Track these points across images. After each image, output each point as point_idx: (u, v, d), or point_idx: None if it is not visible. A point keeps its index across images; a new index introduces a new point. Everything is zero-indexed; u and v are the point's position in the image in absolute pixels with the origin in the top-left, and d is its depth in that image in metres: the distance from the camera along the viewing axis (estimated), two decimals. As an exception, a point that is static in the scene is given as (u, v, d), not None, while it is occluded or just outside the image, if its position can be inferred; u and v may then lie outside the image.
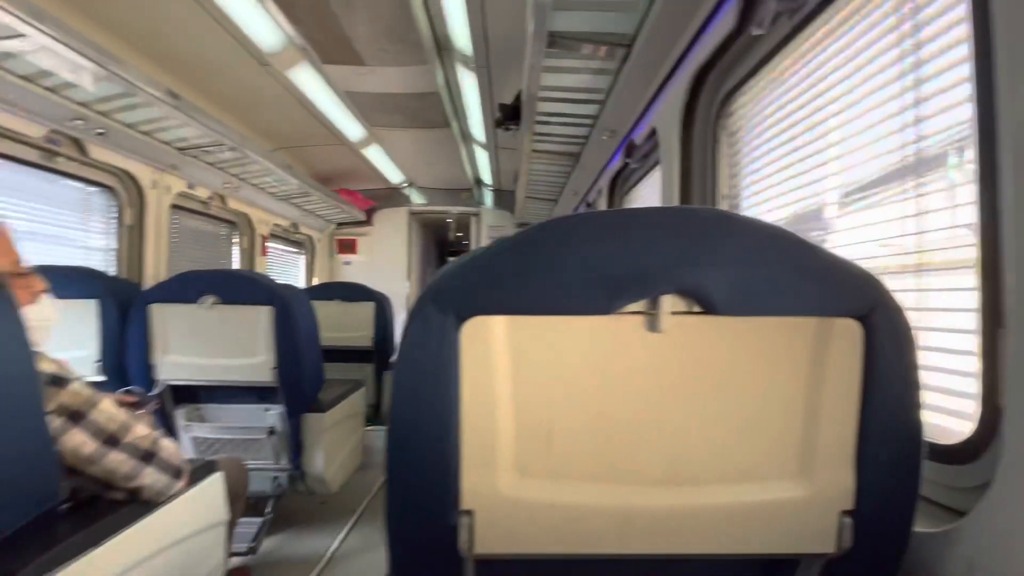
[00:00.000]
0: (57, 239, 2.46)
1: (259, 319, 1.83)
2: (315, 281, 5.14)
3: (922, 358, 0.61)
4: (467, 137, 4.10)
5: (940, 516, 0.75)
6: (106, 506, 0.97)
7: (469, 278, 0.59)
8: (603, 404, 0.60)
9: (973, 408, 0.74)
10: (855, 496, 0.61)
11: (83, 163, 2.49)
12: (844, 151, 1.06)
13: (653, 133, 2.04)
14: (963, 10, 0.75)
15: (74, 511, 0.93)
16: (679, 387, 0.60)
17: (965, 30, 0.74)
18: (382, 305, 3.24)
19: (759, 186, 1.45)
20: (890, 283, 0.61)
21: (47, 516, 0.86)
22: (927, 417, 0.60)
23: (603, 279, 0.58)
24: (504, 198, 5.54)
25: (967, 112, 0.74)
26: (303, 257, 5.11)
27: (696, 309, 0.59)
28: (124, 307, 1.89)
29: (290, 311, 1.83)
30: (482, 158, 4.46)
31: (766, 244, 0.58)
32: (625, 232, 0.58)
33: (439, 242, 8.67)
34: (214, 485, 1.26)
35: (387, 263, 5.38)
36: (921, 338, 0.86)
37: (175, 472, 1.05)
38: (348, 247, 5.33)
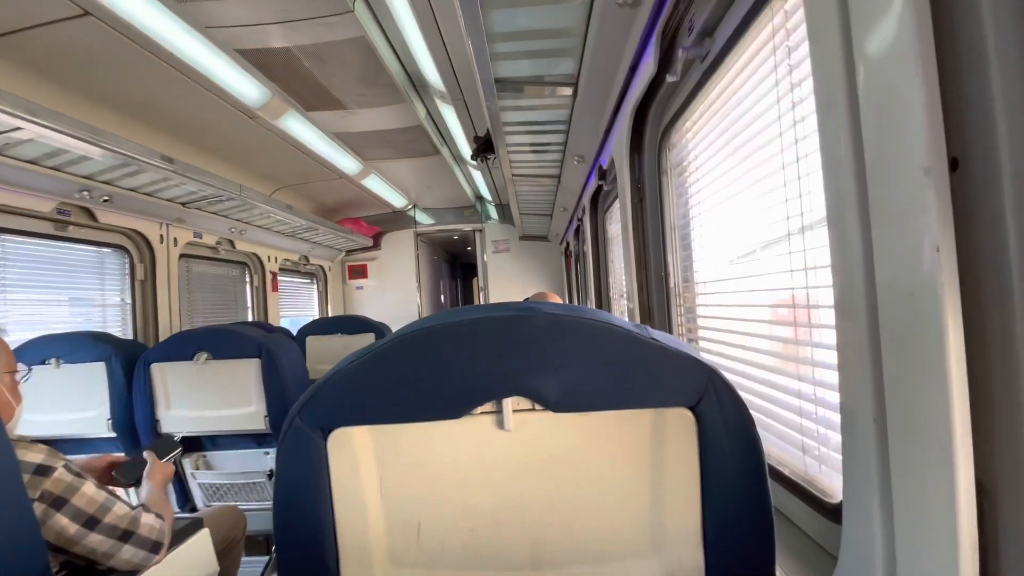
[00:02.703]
0: (77, 301, 2.67)
1: (249, 372, 1.95)
2: (329, 308, 5.33)
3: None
4: (460, 160, 4.18)
5: None
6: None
7: (331, 394, 0.65)
8: (466, 498, 0.66)
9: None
10: (705, 575, 0.65)
11: (94, 228, 2.69)
12: (754, 196, 1.09)
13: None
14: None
15: (63, 583, 1.05)
16: (533, 478, 0.66)
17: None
18: (382, 334, 3.35)
19: (703, 219, 1.47)
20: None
21: (37, 591, 0.97)
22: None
23: (450, 387, 0.64)
24: (507, 211, 5.62)
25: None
26: (315, 287, 5.31)
27: (538, 407, 0.64)
28: (130, 367, 2.04)
29: (276, 362, 1.94)
30: (478, 177, 4.54)
31: (594, 344, 0.63)
32: (467, 342, 0.64)
33: (450, 256, 8.82)
34: (201, 541, 1.37)
35: (398, 283, 5.56)
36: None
37: (153, 546, 1.15)
38: (359, 272, 5.54)
